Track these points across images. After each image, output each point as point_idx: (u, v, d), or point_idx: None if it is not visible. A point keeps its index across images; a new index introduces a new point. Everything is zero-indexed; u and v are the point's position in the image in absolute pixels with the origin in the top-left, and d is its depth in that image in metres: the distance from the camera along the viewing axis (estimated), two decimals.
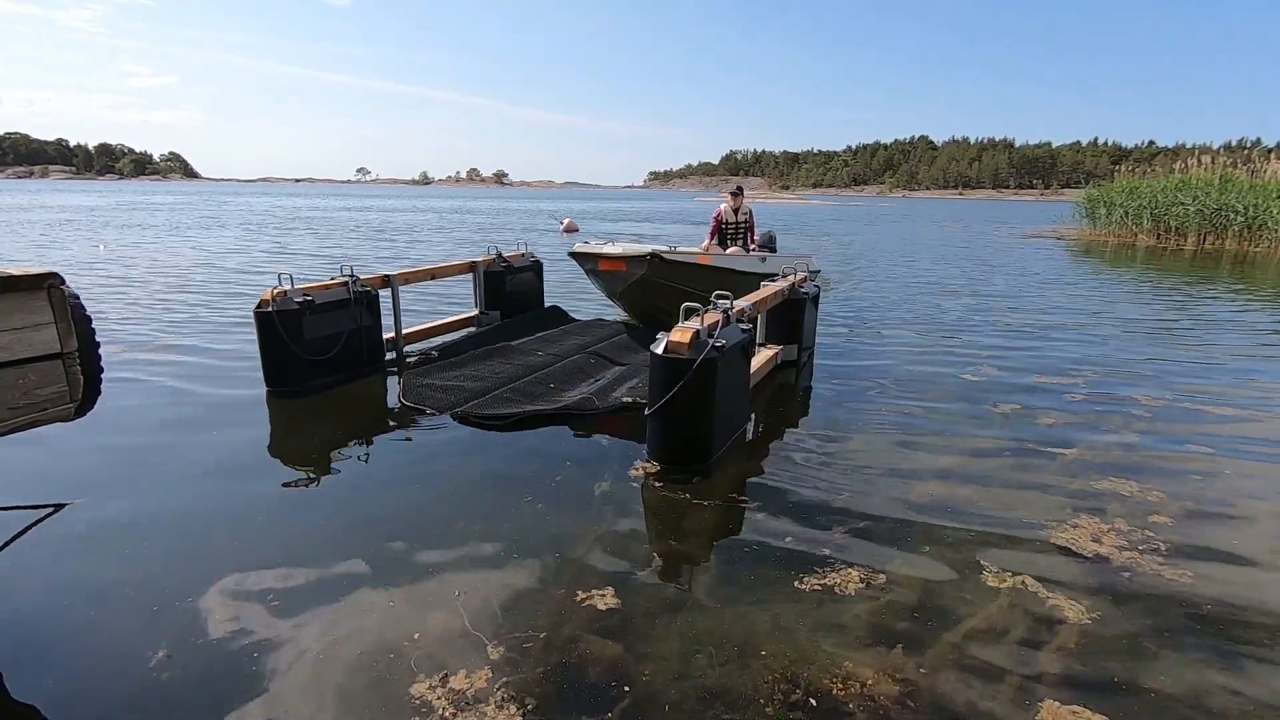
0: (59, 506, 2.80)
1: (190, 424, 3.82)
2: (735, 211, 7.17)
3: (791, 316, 5.00)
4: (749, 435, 3.76)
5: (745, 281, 5.37)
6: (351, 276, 4.70)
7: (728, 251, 6.84)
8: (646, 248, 5.51)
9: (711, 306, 3.51)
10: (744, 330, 3.56)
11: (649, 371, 3.17)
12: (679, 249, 5.82)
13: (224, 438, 3.62)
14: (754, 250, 7.19)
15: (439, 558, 2.47)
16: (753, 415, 4.04)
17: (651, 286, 5.66)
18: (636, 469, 3.22)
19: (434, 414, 3.89)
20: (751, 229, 7.31)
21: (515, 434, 3.67)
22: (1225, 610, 2.22)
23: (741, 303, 3.93)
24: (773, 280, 4.96)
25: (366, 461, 3.36)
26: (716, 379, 3.10)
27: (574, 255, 5.71)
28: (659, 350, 3.11)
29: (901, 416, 4.09)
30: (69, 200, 37.51)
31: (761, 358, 4.69)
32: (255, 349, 4.28)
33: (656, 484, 3.10)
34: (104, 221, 21.06)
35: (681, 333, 3.12)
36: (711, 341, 3.11)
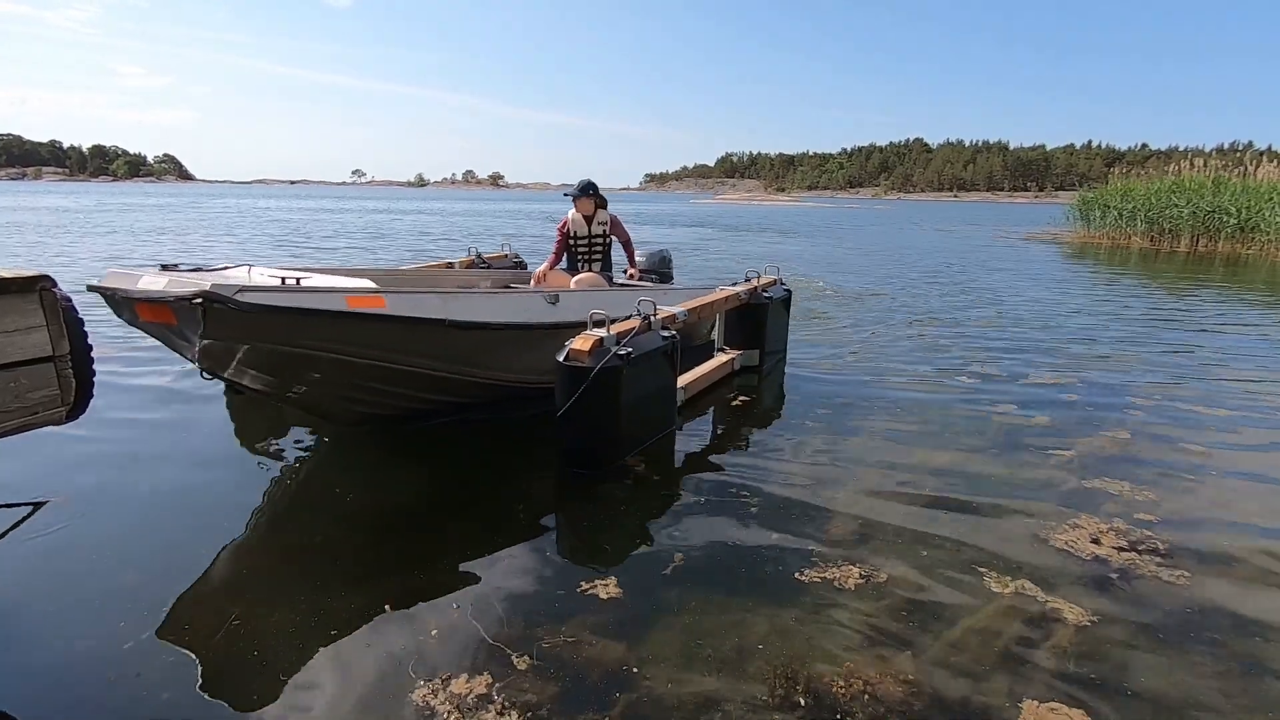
0: (38, 505, 2.76)
1: (151, 424, 3.78)
2: (588, 221, 5.01)
3: (752, 321, 4.88)
4: (677, 439, 3.72)
5: (480, 345, 3.34)
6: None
7: (575, 281, 4.78)
8: (205, 279, 2.67)
9: (635, 313, 3.45)
10: (665, 337, 3.51)
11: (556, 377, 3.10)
12: (310, 280, 2.90)
13: (189, 436, 3.59)
14: (631, 276, 5.38)
15: (425, 558, 2.46)
16: (719, 419, 4.06)
17: (252, 355, 2.79)
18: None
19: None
20: (626, 245, 5.28)
21: (483, 437, 3.62)
22: (1223, 611, 2.22)
23: (674, 309, 3.87)
24: (579, 331, 3.20)
25: (341, 463, 3.32)
26: (621, 387, 3.08)
27: (97, 291, 2.71)
28: (560, 357, 3.07)
29: (891, 418, 4.08)
30: (43, 202, 37.25)
31: (715, 362, 4.65)
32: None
33: (631, 483, 3.09)
34: (61, 226, 20.84)
35: (584, 340, 3.08)
36: (615, 350, 3.08)
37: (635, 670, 1.89)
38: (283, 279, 2.79)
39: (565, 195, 5.07)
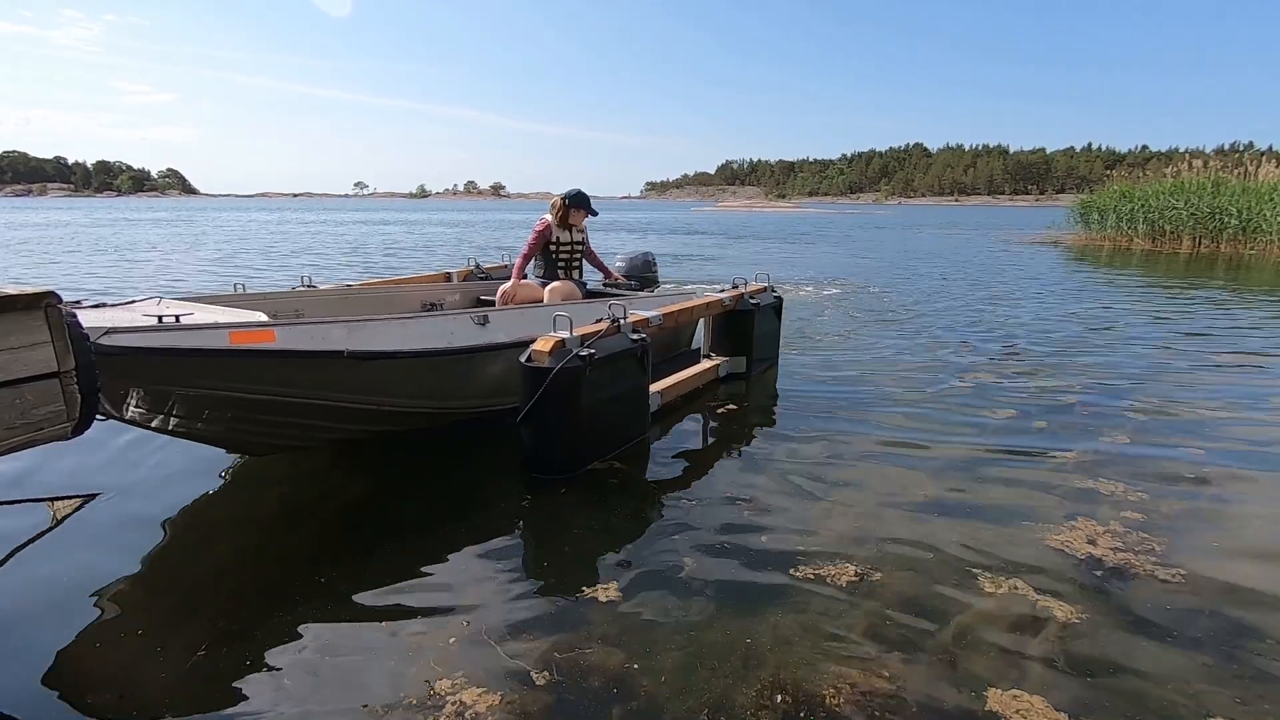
0: (89, 498, 2.83)
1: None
2: (570, 227, 4.88)
3: (738, 327, 4.87)
4: (653, 444, 3.73)
5: (390, 375, 3.16)
6: (308, 286, 4.49)
7: (550, 289, 4.76)
8: (97, 318, 2.63)
9: (606, 316, 3.46)
10: (635, 340, 3.49)
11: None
12: (196, 315, 2.86)
13: (183, 449, 3.51)
14: (607, 284, 5.33)
15: (419, 566, 2.48)
16: (706, 424, 4.09)
17: (133, 397, 2.71)
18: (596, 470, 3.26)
19: None
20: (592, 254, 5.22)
21: (474, 443, 3.63)
22: (1218, 612, 2.23)
23: (646, 313, 3.87)
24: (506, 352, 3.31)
25: (340, 468, 3.33)
26: (581, 388, 3.07)
27: None
28: (523, 358, 3.07)
29: (887, 422, 4.09)
30: (31, 218, 37.43)
31: (697, 368, 4.67)
32: None
33: (621, 489, 3.11)
34: (24, 242, 21.02)
35: (545, 341, 3.08)
36: (576, 350, 3.06)
37: (635, 675, 1.91)
38: (159, 317, 2.65)
39: (566, 202, 4.76)
